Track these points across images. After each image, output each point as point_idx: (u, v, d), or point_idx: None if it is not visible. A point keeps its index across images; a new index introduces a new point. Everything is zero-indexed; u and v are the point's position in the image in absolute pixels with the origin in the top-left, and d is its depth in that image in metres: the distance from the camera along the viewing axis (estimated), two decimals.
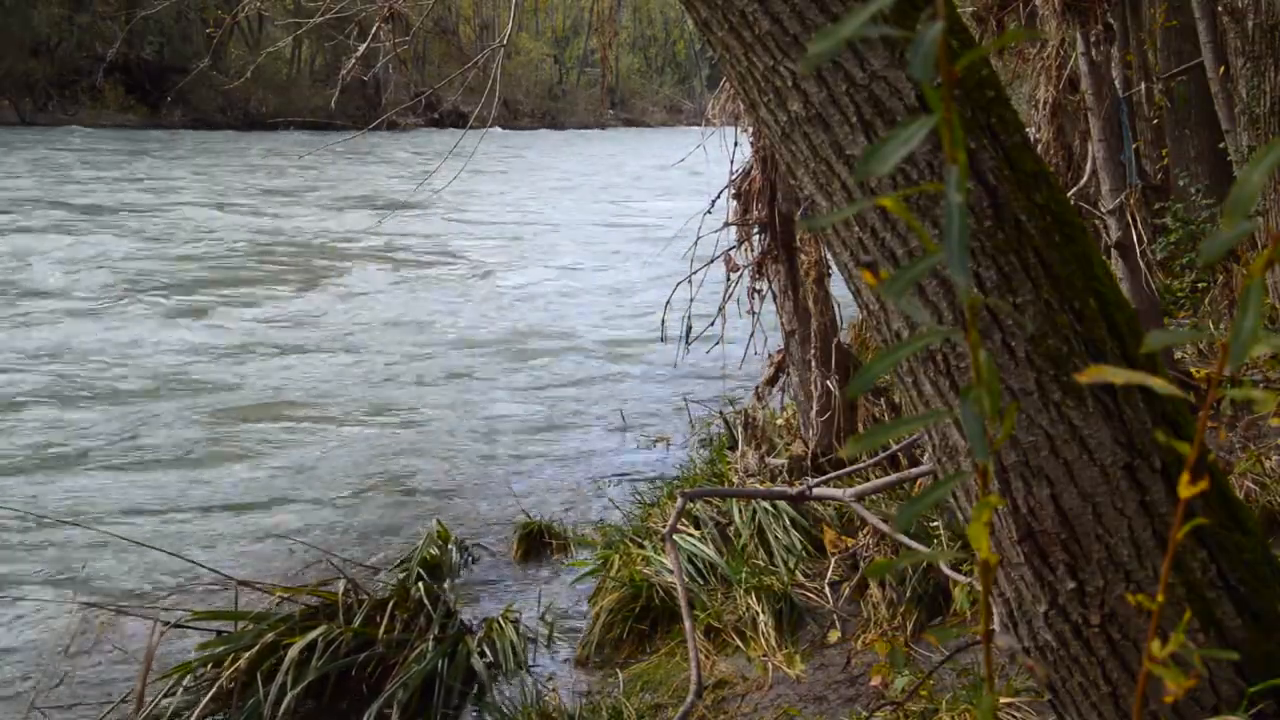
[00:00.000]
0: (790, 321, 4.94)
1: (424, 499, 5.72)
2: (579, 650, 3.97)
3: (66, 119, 35.29)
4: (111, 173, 21.99)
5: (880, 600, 3.78)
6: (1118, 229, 4.94)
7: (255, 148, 30.06)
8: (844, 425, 4.83)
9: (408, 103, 27.48)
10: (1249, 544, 1.85)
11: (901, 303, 0.70)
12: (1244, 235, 0.66)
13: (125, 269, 12.07)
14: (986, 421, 0.70)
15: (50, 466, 6.03)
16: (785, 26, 1.87)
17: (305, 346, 9.03)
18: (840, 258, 2.00)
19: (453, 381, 8.13)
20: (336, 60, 31.59)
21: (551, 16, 58.52)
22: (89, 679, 3.88)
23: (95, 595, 4.40)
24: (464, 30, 50.48)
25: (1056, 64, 5.01)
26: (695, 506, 4.45)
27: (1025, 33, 4.94)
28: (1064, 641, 1.86)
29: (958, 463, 1.95)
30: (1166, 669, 0.77)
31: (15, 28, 35.84)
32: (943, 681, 3.15)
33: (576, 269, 13.61)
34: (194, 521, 5.38)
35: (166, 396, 7.42)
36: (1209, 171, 7.92)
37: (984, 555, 0.75)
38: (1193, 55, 7.40)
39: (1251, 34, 5.78)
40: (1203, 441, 0.80)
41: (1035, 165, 1.89)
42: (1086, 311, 1.82)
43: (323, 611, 3.81)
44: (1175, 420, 1.86)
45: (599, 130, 51.52)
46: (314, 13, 6.81)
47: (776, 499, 4.33)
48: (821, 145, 1.89)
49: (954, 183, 0.66)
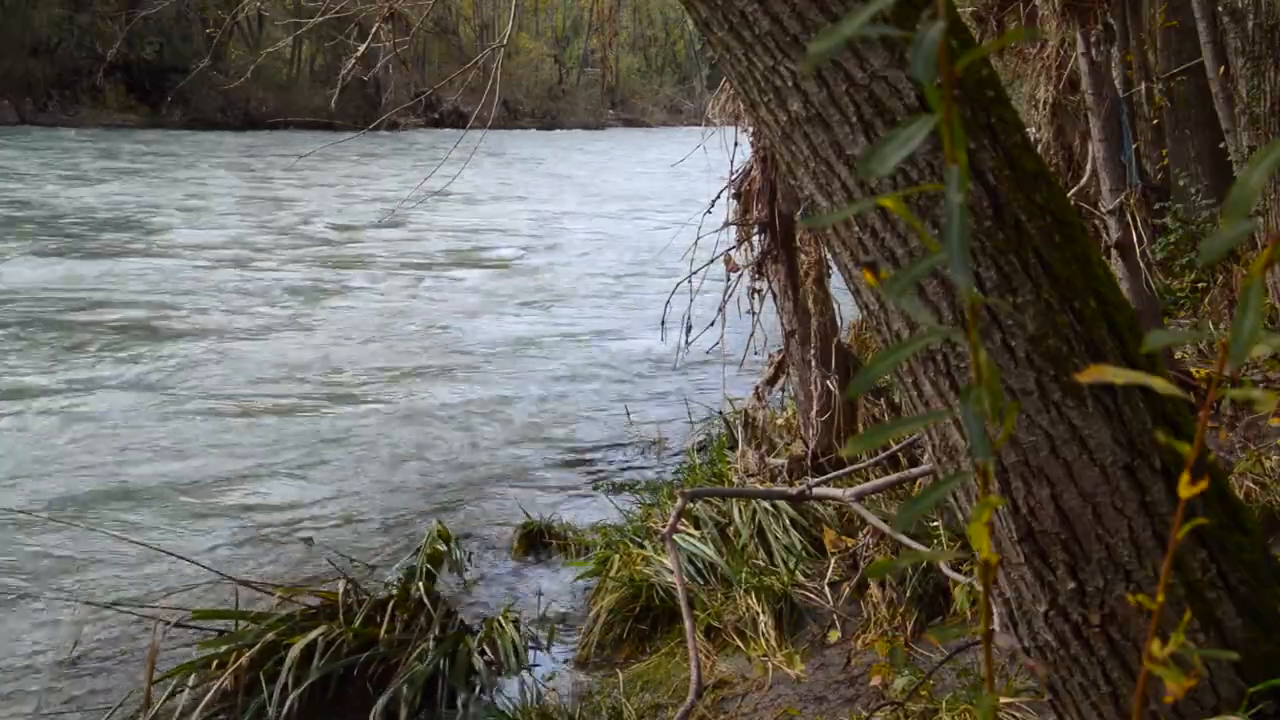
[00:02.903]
0: (790, 321, 4.94)
1: (424, 499, 5.72)
2: (579, 650, 3.97)
3: (67, 119, 35.30)
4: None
5: (880, 600, 3.77)
6: (1118, 229, 4.94)
7: (257, 147, 30.07)
8: (844, 425, 4.83)
9: (408, 103, 27.47)
10: (1249, 544, 1.85)
11: (902, 303, 0.71)
12: (1244, 235, 0.66)
13: (126, 268, 12.07)
14: (987, 421, 0.70)
15: (50, 467, 6.03)
16: (785, 26, 1.87)
17: (304, 347, 9.03)
18: (840, 258, 2.00)
19: (452, 381, 8.13)
20: (336, 60, 31.58)
21: (551, 16, 58.53)
22: (90, 680, 3.88)
23: (95, 595, 4.39)
24: (464, 30, 50.49)
25: (1056, 64, 5.02)
26: (695, 506, 4.45)
27: (1025, 33, 4.95)
28: (1064, 641, 1.86)
29: (958, 463, 1.95)
30: (1166, 669, 0.77)
31: (15, 28, 35.84)
32: (943, 681, 3.15)
33: (576, 269, 13.61)
34: (194, 521, 5.38)
35: (166, 397, 7.41)
36: (1209, 171, 7.92)
37: (984, 555, 0.75)
38: (1193, 55, 7.40)
39: (1251, 34, 5.78)
40: (1203, 441, 0.80)
41: (1035, 165, 1.89)
42: (1086, 311, 1.83)
43: (323, 611, 3.81)
44: (1175, 420, 1.86)
45: (599, 130, 51.52)
46: (314, 13, 6.81)
47: (776, 499, 4.33)
48: (821, 145, 1.89)
49: (954, 183, 0.66)
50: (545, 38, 58.36)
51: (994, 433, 0.71)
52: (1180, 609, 1.77)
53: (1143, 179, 6.97)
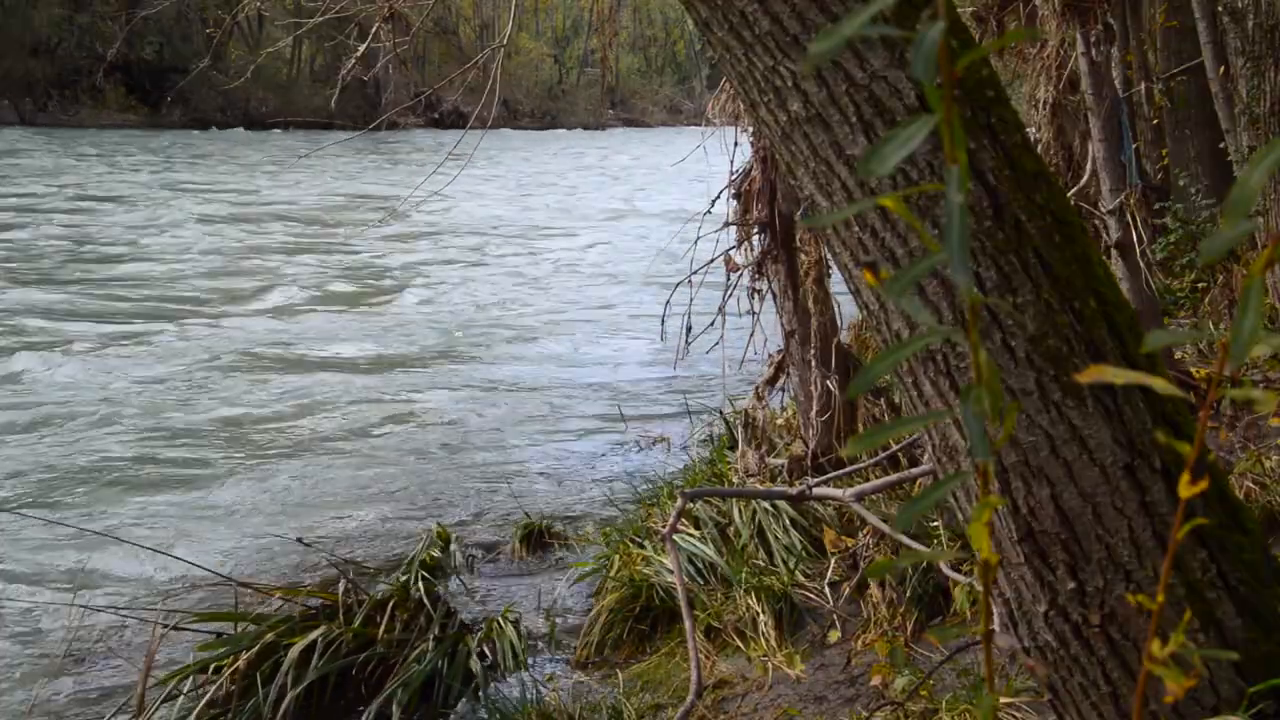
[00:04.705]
0: (790, 321, 4.93)
1: (424, 499, 5.72)
2: (579, 650, 3.97)
3: (67, 119, 35.30)
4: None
5: (880, 600, 3.77)
6: (1118, 229, 4.94)
7: (256, 147, 30.06)
8: (844, 425, 4.83)
9: (408, 103, 27.47)
10: (1249, 544, 1.85)
11: (902, 303, 0.71)
12: (1244, 235, 0.66)
13: (121, 268, 12.07)
14: (987, 421, 0.70)
15: (50, 468, 6.03)
16: (785, 26, 1.87)
17: (303, 348, 9.03)
18: (840, 258, 2.00)
19: (452, 382, 8.12)
20: (336, 60, 31.57)
21: (551, 16, 58.56)
22: (88, 682, 3.88)
23: (95, 597, 4.39)
24: (464, 30, 50.50)
25: (1056, 64, 5.02)
26: (695, 506, 4.45)
27: (1025, 33, 4.94)
28: (1064, 641, 1.86)
29: (958, 463, 1.95)
30: (1166, 669, 0.77)
31: (15, 28, 35.85)
32: (943, 681, 3.15)
33: (575, 269, 13.61)
34: (193, 523, 5.38)
35: (166, 398, 7.41)
36: (1209, 171, 7.92)
37: (984, 555, 0.75)
38: (1193, 55, 7.40)
39: (1251, 34, 5.78)
40: (1203, 441, 0.80)
41: (1035, 165, 1.89)
42: (1086, 311, 1.82)
43: (323, 612, 3.81)
44: (1175, 420, 1.86)
45: (599, 130, 51.50)
46: (314, 13, 6.81)
47: (776, 499, 4.33)
48: (821, 145, 1.89)
49: (954, 183, 0.66)
50: (545, 38, 58.38)
51: (994, 433, 0.71)
52: (1180, 609, 1.77)
53: (1143, 179, 6.96)
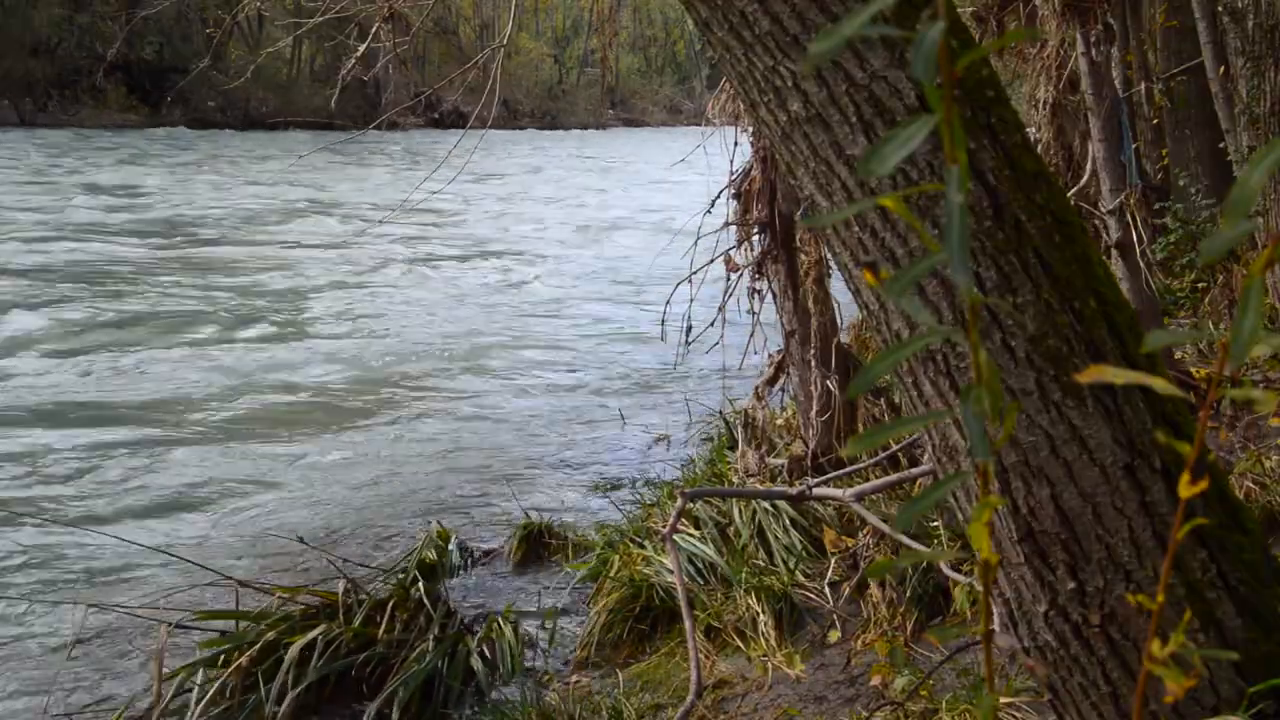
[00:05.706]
0: (790, 321, 4.94)
1: (424, 499, 5.72)
2: (579, 650, 3.97)
3: (67, 119, 35.29)
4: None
5: (880, 600, 3.77)
6: (1118, 229, 4.94)
7: (256, 148, 30.07)
8: (844, 425, 4.83)
9: (408, 103, 27.46)
10: (1249, 544, 1.85)
11: (902, 303, 0.71)
12: (1244, 235, 0.66)
13: (119, 270, 12.07)
14: (987, 421, 0.70)
15: (50, 469, 6.03)
16: (785, 26, 1.87)
17: (302, 348, 9.03)
18: (840, 258, 2.00)
19: (452, 382, 8.12)
20: (336, 60, 31.57)
21: (551, 16, 58.55)
22: (92, 681, 3.88)
23: (95, 597, 4.39)
24: (464, 30, 50.50)
25: (1056, 64, 5.02)
26: (695, 506, 4.45)
27: (1025, 33, 4.94)
28: (1064, 641, 1.86)
29: (958, 463, 1.95)
30: (1166, 669, 0.77)
31: (15, 28, 35.84)
32: (943, 681, 3.15)
33: (575, 269, 13.60)
34: (194, 522, 5.38)
35: (166, 398, 7.41)
36: (1209, 171, 7.92)
37: (984, 555, 0.75)
38: (1193, 55, 7.40)
39: (1251, 34, 5.79)
40: (1203, 441, 0.80)
41: (1035, 165, 1.89)
42: (1086, 311, 1.82)
43: (323, 611, 3.81)
44: (1175, 420, 1.86)
45: (599, 130, 51.50)
46: (314, 13, 6.81)
47: (776, 499, 4.33)
48: (821, 145, 1.89)
49: (954, 183, 0.66)
50: (545, 38, 58.37)
51: (994, 433, 0.71)
52: (1180, 609, 1.77)
53: (1143, 179, 6.96)
